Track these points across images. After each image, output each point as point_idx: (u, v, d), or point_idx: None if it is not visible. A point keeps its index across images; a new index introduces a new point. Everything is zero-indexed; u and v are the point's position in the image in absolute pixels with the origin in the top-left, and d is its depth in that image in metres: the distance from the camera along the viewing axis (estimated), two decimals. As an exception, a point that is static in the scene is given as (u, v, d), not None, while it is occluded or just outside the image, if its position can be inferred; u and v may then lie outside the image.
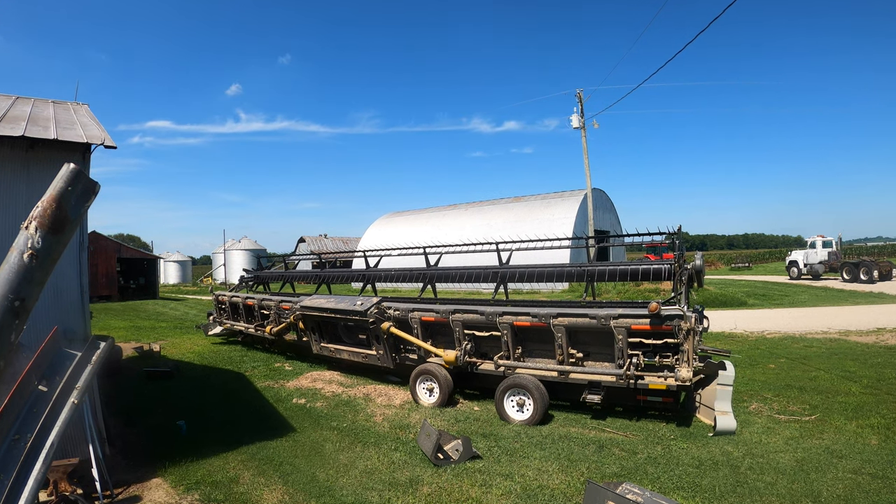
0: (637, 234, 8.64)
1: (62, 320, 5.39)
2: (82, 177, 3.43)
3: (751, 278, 35.62)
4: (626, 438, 6.42)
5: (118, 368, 10.69)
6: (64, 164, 3.43)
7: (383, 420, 7.45)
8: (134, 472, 5.65)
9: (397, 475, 5.49)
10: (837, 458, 5.54)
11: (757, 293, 24.31)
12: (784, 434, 6.37)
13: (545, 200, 35.04)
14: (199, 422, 7.40)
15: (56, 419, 3.72)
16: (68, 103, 7.81)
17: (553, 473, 5.39)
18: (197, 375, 10.65)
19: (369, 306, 8.76)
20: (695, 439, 6.27)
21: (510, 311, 7.70)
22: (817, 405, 7.47)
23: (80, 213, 3.52)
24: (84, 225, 6.02)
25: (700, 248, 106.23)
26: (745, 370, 9.53)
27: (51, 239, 3.33)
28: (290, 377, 10.25)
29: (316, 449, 6.34)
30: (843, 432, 6.38)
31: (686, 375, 6.27)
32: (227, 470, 5.71)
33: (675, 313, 6.41)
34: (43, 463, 3.51)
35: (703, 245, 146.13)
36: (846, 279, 28.42)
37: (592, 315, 6.91)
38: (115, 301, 31.77)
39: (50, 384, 3.87)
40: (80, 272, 5.86)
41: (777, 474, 5.19)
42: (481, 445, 6.22)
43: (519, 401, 7.21)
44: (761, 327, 14.70)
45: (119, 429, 7.05)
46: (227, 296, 14.13)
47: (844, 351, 11.09)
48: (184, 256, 63.42)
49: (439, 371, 8.00)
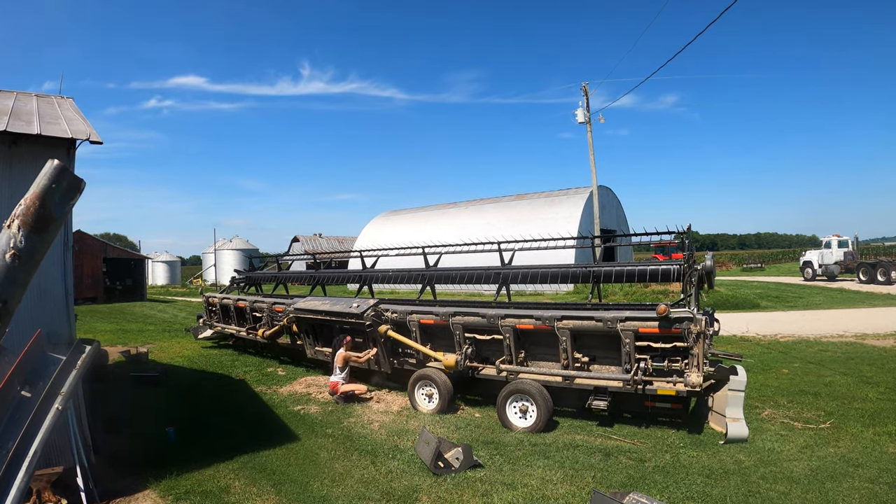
0: (645, 233, 8.64)
1: (46, 323, 5.38)
2: (67, 174, 3.43)
3: (763, 279, 35.64)
4: (633, 446, 6.42)
5: (104, 373, 10.67)
6: (48, 160, 3.43)
7: (380, 427, 7.45)
8: (121, 481, 5.64)
9: (395, 484, 5.49)
10: (854, 467, 5.54)
11: (770, 295, 24.31)
12: (798, 442, 6.38)
13: (549, 198, 35.05)
14: (189, 429, 7.40)
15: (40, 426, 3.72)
16: (52, 97, 7.81)
17: (557, 483, 5.39)
18: (186, 381, 10.64)
19: (366, 308, 8.76)
20: (705, 447, 6.28)
21: (513, 313, 7.70)
22: (832, 411, 7.47)
23: (65, 211, 3.52)
24: (69, 224, 6.01)
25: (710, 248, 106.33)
26: (757, 375, 9.53)
27: (34, 238, 3.33)
28: (283, 382, 10.25)
29: (310, 457, 6.34)
30: (859, 440, 6.38)
31: (696, 381, 6.28)
32: (217, 479, 5.71)
33: (685, 316, 6.41)
34: (26, 472, 3.51)
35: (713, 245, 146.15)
36: (863, 280, 28.44)
37: (598, 318, 6.92)
38: (101, 303, 31.74)
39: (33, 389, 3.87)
40: (64, 273, 5.85)
41: (791, 484, 5.19)
42: (483, 453, 6.22)
43: (522, 407, 7.21)
44: (774, 330, 14.70)
45: (105, 436, 7.04)
46: (217, 297, 14.13)
47: (861, 355, 11.10)
48: (172, 256, 63.41)
49: (439, 376, 8.00)
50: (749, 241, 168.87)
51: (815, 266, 31.89)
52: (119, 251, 38.04)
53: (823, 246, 32.25)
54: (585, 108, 27.95)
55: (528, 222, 31.66)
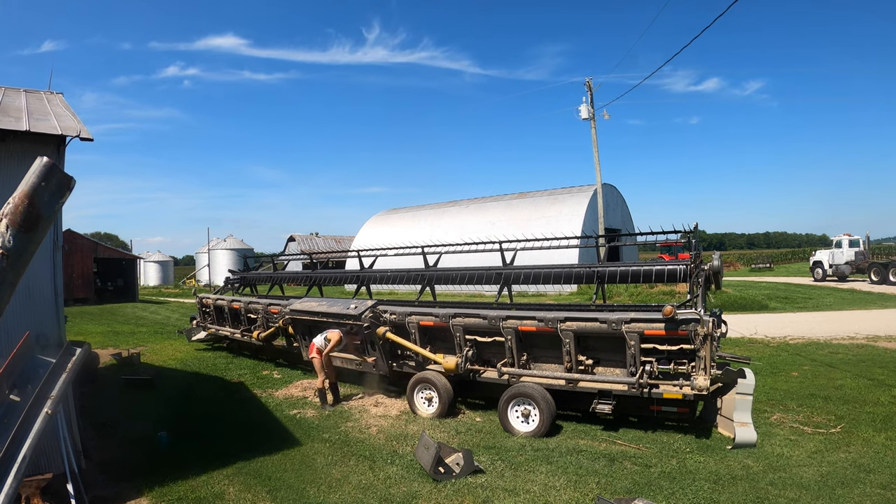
0: (650, 232, 8.65)
1: (35, 325, 5.40)
2: (56, 171, 3.43)
3: (772, 280, 35.64)
4: (638, 451, 6.43)
5: (95, 376, 10.69)
6: (37, 157, 3.43)
7: (378, 432, 7.45)
8: (112, 487, 5.65)
9: (393, 491, 5.49)
10: (865, 473, 5.54)
11: (779, 296, 24.32)
12: (808, 447, 6.38)
13: (552, 196, 35.06)
14: (182, 433, 7.40)
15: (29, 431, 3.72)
16: (42, 92, 7.82)
17: (561, 489, 5.39)
18: (179, 384, 10.65)
19: (364, 310, 8.76)
20: (712, 452, 6.28)
21: (514, 314, 7.70)
22: (843, 416, 7.47)
23: (54, 210, 3.52)
24: (58, 223, 6.02)
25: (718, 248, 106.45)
26: (766, 378, 9.53)
27: (23, 238, 3.33)
28: (278, 385, 10.26)
29: (306, 462, 6.34)
30: (871, 445, 6.38)
31: (703, 384, 6.28)
32: (211, 485, 5.71)
33: (692, 317, 6.41)
34: (14, 477, 3.52)
35: (721, 244, 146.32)
36: (874, 281, 28.42)
37: (603, 319, 6.92)
38: (92, 304, 31.74)
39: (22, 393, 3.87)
40: (53, 273, 5.86)
41: (800, 490, 5.19)
42: (484, 459, 6.22)
43: (524, 411, 7.21)
44: (783, 332, 14.70)
45: (96, 441, 7.05)
46: (211, 298, 14.13)
47: (873, 358, 11.10)
48: (165, 256, 63.51)
49: (439, 379, 8.01)
50: (758, 240, 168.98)
51: (825, 266, 31.87)
52: (110, 251, 38.07)
53: (834, 245, 32.23)
54: (589, 104, 27.96)
55: (530, 221, 31.68)
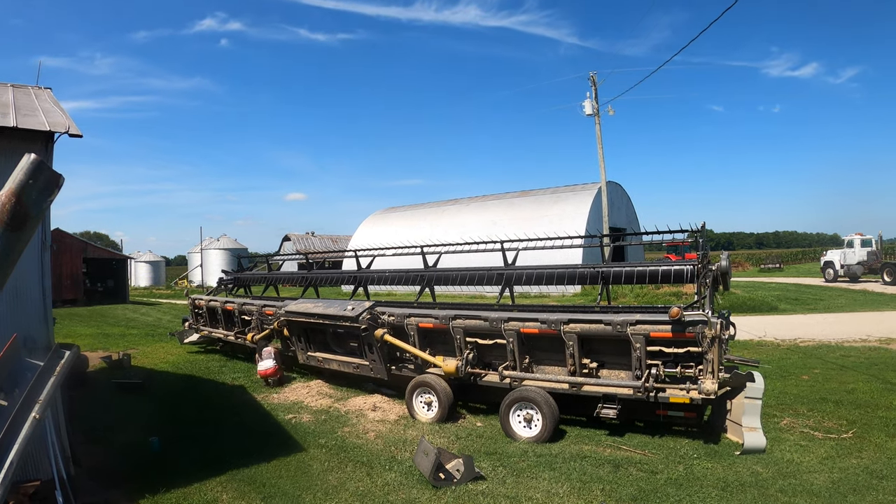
0: (657, 231, 8.64)
1: (22, 327, 5.39)
2: (45, 168, 3.43)
3: (782, 280, 35.63)
4: (644, 457, 6.43)
5: (84, 380, 10.68)
6: (24, 154, 3.42)
7: (376, 437, 7.45)
8: (102, 494, 5.65)
9: (391, 498, 5.49)
10: (878, 479, 5.54)
11: (789, 297, 24.32)
12: (818, 452, 6.38)
13: (555, 195, 35.07)
14: (174, 438, 7.40)
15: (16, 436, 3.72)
16: (29, 87, 7.81)
17: (564, 496, 5.40)
18: (171, 387, 10.65)
19: (361, 311, 8.76)
20: (720, 458, 6.28)
21: (516, 316, 7.70)
22: (855, 420, 7.47)
23: (42, 208, 3.52)
24: (46, 221, 6.02)
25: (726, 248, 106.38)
26: (775, 382, 9.53)
27: (10, 236, 3.33)
28: (273, 389, 10.26)
29: (302, 468, 6.34)
30: (883, 450, 6.38)
31: (711, 388, 6.27)
32: (204, 491, 5.71)
33: (699, 319, 6.41)
34: (1, 484, 3.52)
35: (729, 244, 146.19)
36: (887, 282, 28.41)
37: (607, 321, 6.91)
38: (81, 305, 31.74)
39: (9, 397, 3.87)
40: (41, 274, 5.85)
41: (811, 497, 5.19)
42: (485, 465, 6.22)
43: (526, 415, 7.21)
44: (793, 334, 14.70)
45: (85, 446, 7.05)
46: (204, 300, 14.13)
47: (885, 361, 11.10)
48: (156, 256, 63.39)
49: (438, 383, 8.00)
50: (767, 240, 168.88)
51: (836, 266, 31.86)
52: (100, 251, 38.05)
53: (845, 245, 32.23)
54: (594, 100, 27.97)
55: (532, 220, 31.65)
